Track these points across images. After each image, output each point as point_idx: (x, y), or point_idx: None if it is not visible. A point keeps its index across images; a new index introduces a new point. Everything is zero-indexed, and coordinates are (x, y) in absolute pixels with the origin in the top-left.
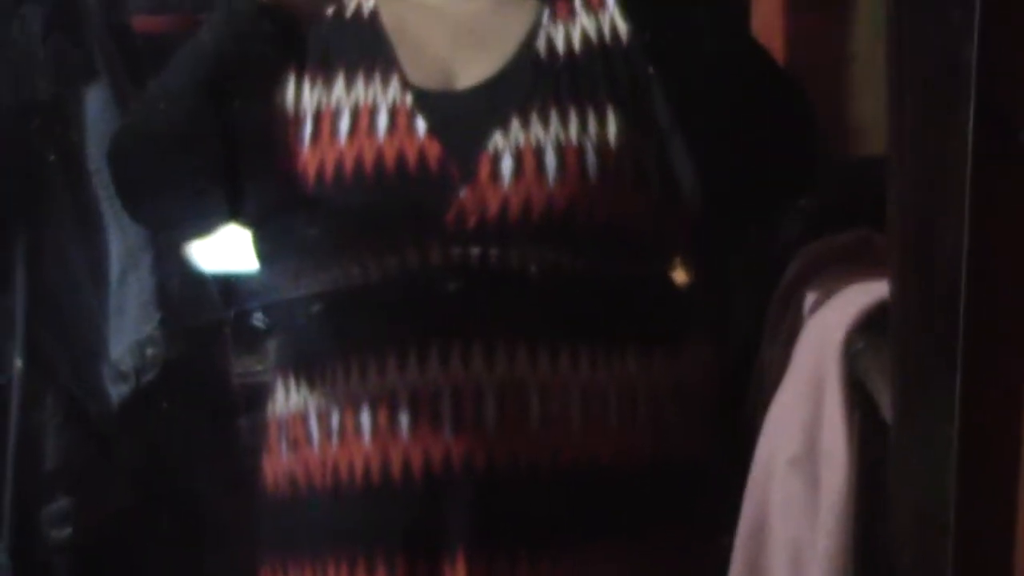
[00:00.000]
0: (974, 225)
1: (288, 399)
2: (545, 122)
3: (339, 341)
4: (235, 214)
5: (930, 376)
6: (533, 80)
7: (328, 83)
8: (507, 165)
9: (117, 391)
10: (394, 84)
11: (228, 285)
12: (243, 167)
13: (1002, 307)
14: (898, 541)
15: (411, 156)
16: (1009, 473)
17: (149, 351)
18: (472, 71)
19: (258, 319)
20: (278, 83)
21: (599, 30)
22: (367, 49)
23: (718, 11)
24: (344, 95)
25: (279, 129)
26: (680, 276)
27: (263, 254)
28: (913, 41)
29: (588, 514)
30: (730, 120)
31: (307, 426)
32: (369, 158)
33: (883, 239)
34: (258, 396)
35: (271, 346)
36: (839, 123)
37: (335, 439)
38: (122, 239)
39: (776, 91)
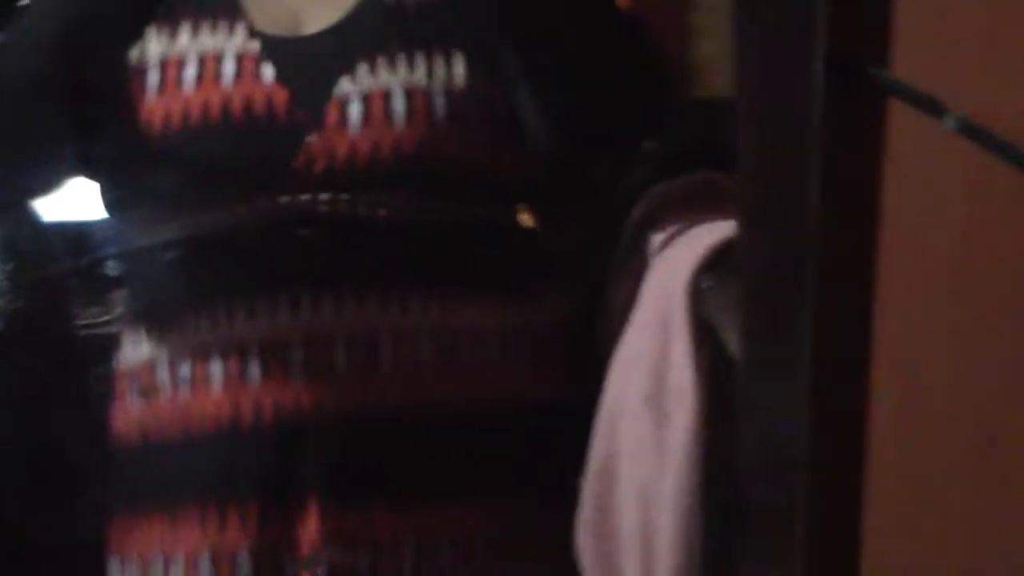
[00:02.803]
0: (823, 162)
1: (137, 349)
2: (393, 67)
3: (189, 290)
4: (83, 166)
5: (779, 313)
6: (380, 25)
7: (173, 32)
8: (355, 110)
9: None
10: (240, 31)
11: (75, 235)
12: (92, 119)
13: (853, 243)
14: (747, 477)
15: (258, 103)
16: (858, 408)
17: None
18: (319, 17)
19: (107, 269)
20: (134, 41)
21: None
22: None
23: None
24: (190, 43)
25: (125, 80)
26: (531, 220)
27: (111, 204)
28: None
29: (443, 461)
30: (574, 63)
31: (156, 375)
32: (216, 105)
33: (729, 180)
34: (104, 347)
35: (118, 296)
36: (684, 64)
37: (185, 388)
38: None
39: (619, 33)
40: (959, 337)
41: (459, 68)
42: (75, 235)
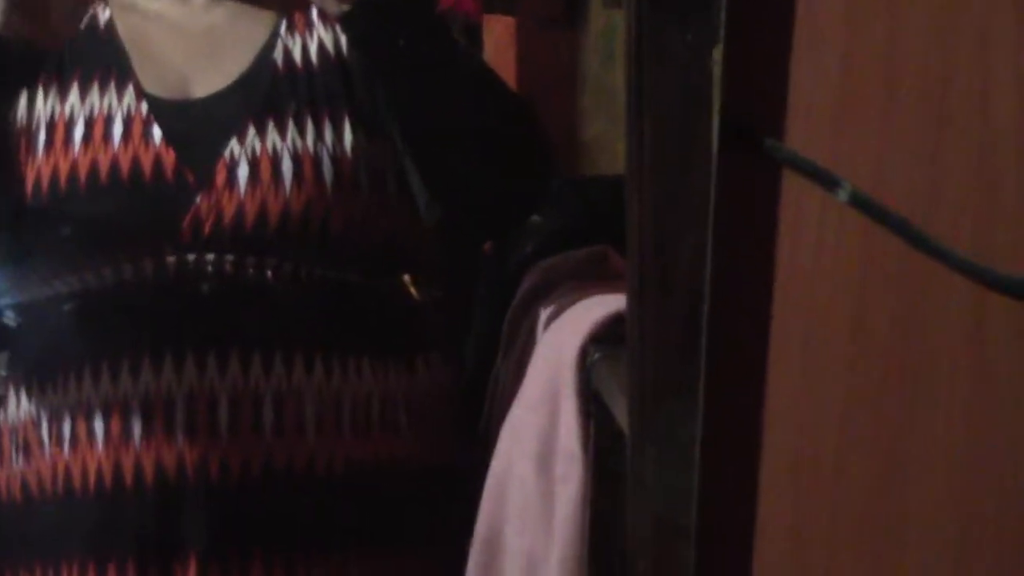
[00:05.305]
0: (717, 233)
1: (20, 406)
2: (282, 131)
3: (74, 347)
4: None
5: (668, 386)
6: (270, 89)
7: (62, 92)
8: (243, 172)
9: None
10: (129, 93)
11: None
12: None
13: (744, 314)
14: (634, 547)
15: (146, 164)
16: (749, 479)
17: None
18: (209, 80)
19: None
20: (14, 100)
21: (336, 43)
22: (102, 58)
23: (444, 33)
24: (78, 104)
25: (13, 138)
26: (418, 288)
27: (1, 259)
28: (653, 51)
29: (323, 522)
30: (457, 139)
31: (38, 432)
32: (104, 166)
33: (617, 255)
34: None
35: (2, 358)
36: (572, 142)
37: (67, 445)
38: None
39: (503, 111)
40: (851, 406)
41: (347, 134)
42: None
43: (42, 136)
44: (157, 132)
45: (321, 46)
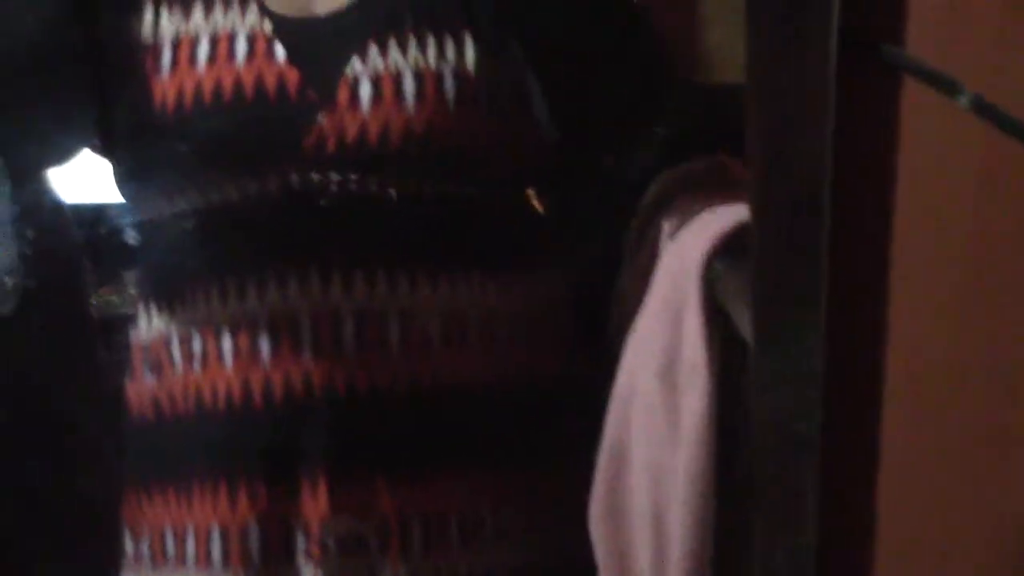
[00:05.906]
0: (836, 141)
1: (151, 324)
2: (403, 48)
3: (200, 266)
4: (97, 138)
5: (791, 295)
6: (392, 6)
7: (187, 11)
8: (365, 90)
9: None
10: (253, 11)
11: (89, 214)
12: (101, 91)
13: (865, 221)
14: (758, 456)
15: (270, 82)
16: (870, 385)
17: (9, 281)
18: None
19: (121, 245)
20: (138, 8)
21: None
22: None
23: None
24: (203, 22)
25: (138, 56)
26: (538, 203)
27: (124, 178)
28: None
29: (449, 438)
30: (577, 51)
31: (169, 351)
32: (228, 84)
33: (739, 165)
34: (116, 327)
35: (131, 277)
36: (692, 51)
37: (197, 363)
38: None
39: (623, 21)
40: (971, 313)
41: (469, 51)
42: (90, 214)
43: (167, 54)
44: (281, 50)
45: None
